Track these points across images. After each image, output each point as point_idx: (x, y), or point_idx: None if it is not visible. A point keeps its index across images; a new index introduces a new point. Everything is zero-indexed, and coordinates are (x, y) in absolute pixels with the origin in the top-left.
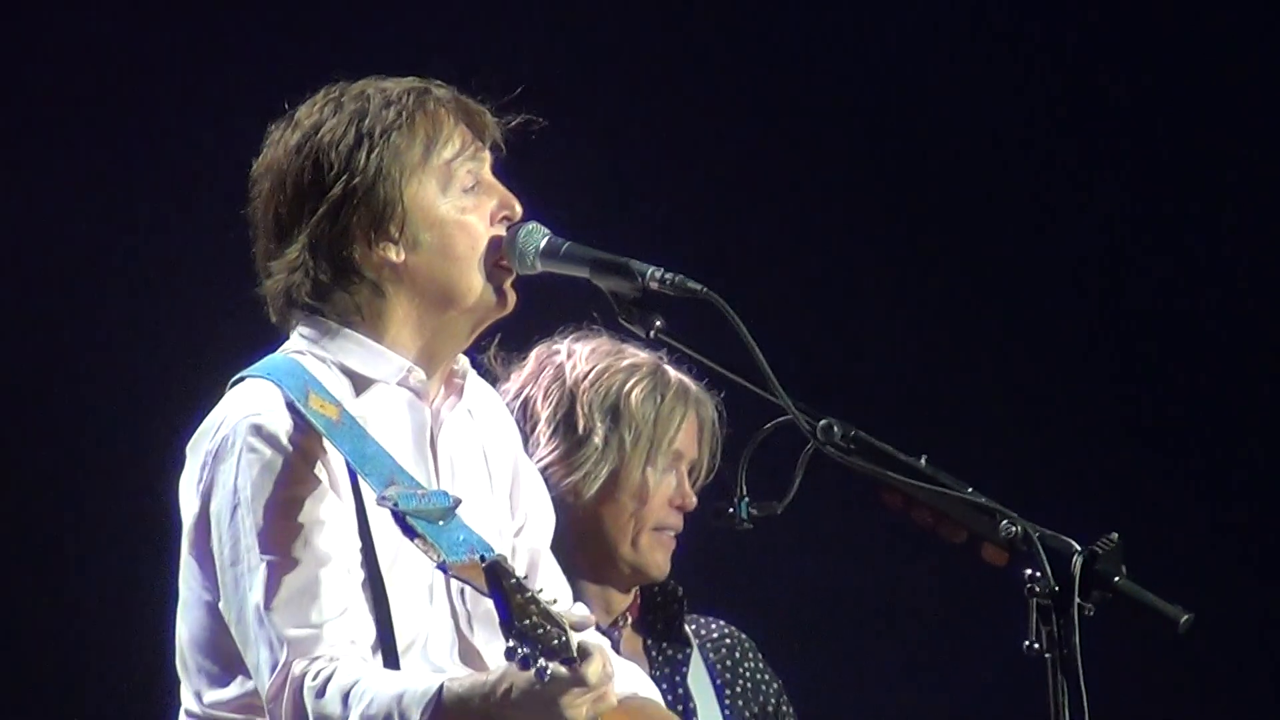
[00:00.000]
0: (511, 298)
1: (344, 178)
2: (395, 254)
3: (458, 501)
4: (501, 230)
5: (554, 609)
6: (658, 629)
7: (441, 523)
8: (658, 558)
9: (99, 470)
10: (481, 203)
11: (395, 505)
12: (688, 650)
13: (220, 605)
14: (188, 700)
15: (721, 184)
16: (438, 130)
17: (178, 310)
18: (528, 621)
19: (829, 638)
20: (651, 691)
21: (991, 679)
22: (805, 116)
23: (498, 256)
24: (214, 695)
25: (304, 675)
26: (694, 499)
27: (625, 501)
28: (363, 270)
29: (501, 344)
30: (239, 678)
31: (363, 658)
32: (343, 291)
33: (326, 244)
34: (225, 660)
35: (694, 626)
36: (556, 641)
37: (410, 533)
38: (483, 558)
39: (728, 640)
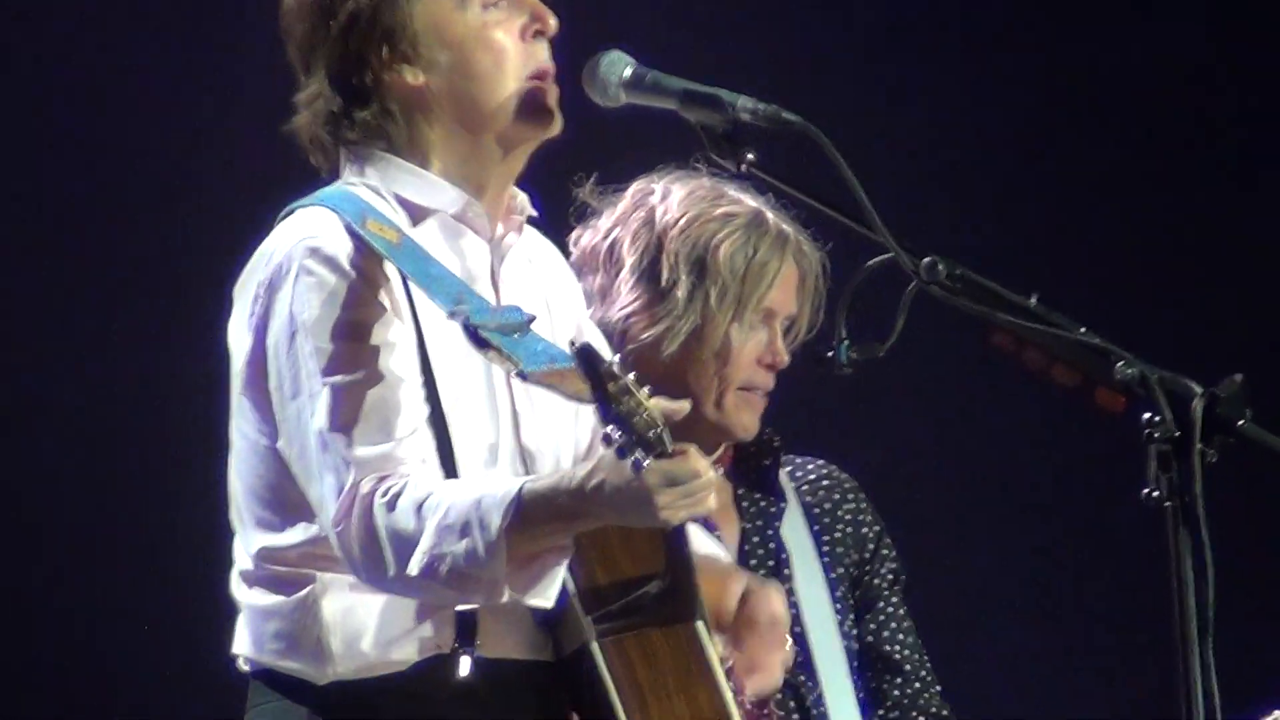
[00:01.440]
0: (555, 115)
1: (349, 2)
2: (413, 77)
3: (532, 317)
4: (538, 45)
5: (648, 400)
6: (751, 478)
7: (517, 335)
8: (744, 418)
9: (143, 332)
10: (509, 17)
11: (468, 319)
12: (782, 504)
13: (280, 445)
14: (242, 557)
15: (811, 11)
16: None
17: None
18: (623, 408)
19: (934, 485)
20: (716, 548)
21: (1109, 527)
22: None
23: (536, 73)
24: (272, 543)
25: (373, 493)
26: (786, 357)
27: (708, 360)
28: (384, 98)
29: (601, 180)
30: (301, 524)
31: (433, 474)
32: (370, 121)
33: (339, 73)
34: (285, 507)
35: (789, 469)
36: (652, 434)
37: (484, 345)
38: (572, 342)
39: (825, 482)
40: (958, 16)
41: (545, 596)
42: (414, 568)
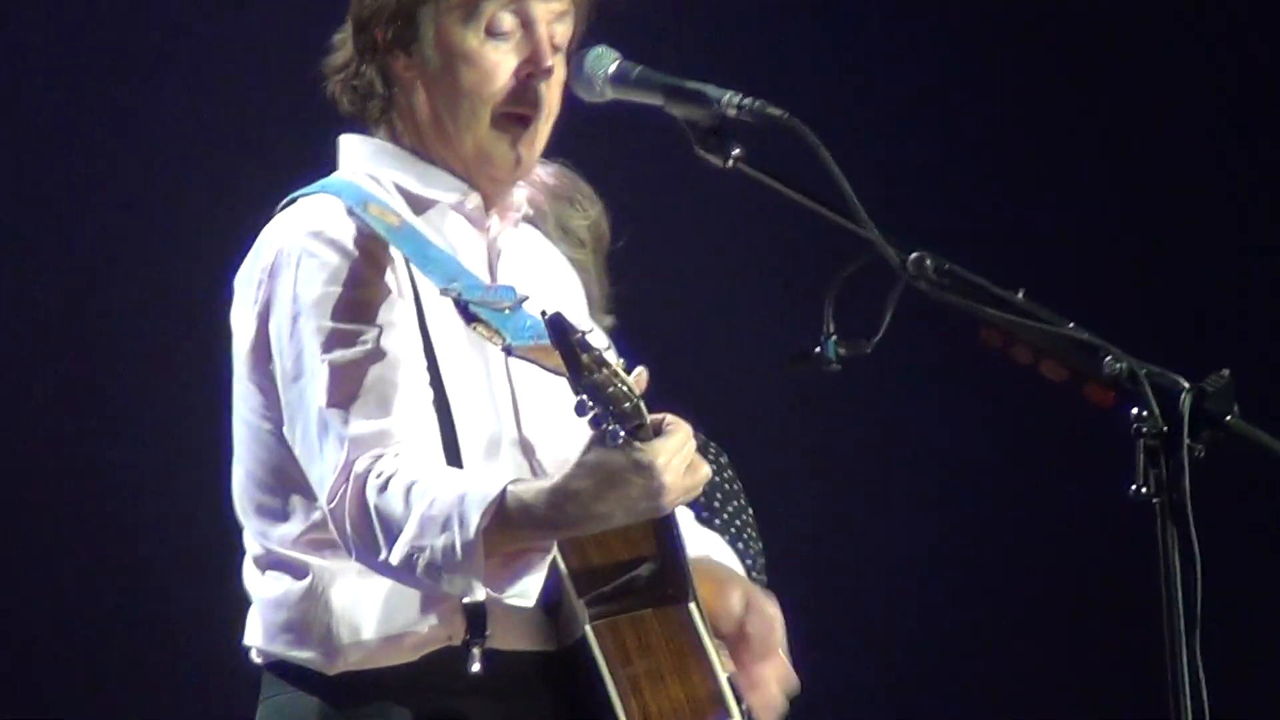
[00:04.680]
0: (523, 156)
1: None
2: (404, 66)
3: (525, 297)
4: (529, 87)
5: (623, 371)
6: None
7: (508, 311)
8: None
9: (141, 329)
10: (507, 50)
11: (460, 295)
12: None
13: (285, 429)
14: (251, 545)
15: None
16: None
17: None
18: (597, 378)
19: (925, 480)
20: (728, 557)
21: (1098, 523)
22: None
23: (516, 112)
24: (278, 530)
25: (368, 472)
26: None
27: None
28: (390, 81)
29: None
30: (305, 510)
31: (428, 456)
32: (378, 101)
33: (359, 49)
34: (290, 492)
35: None
36: (629, 405)
37: (472, 319)
38: (544, 312)
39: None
40: (937, 13)
41: (525, 596)
42: (395, 556)
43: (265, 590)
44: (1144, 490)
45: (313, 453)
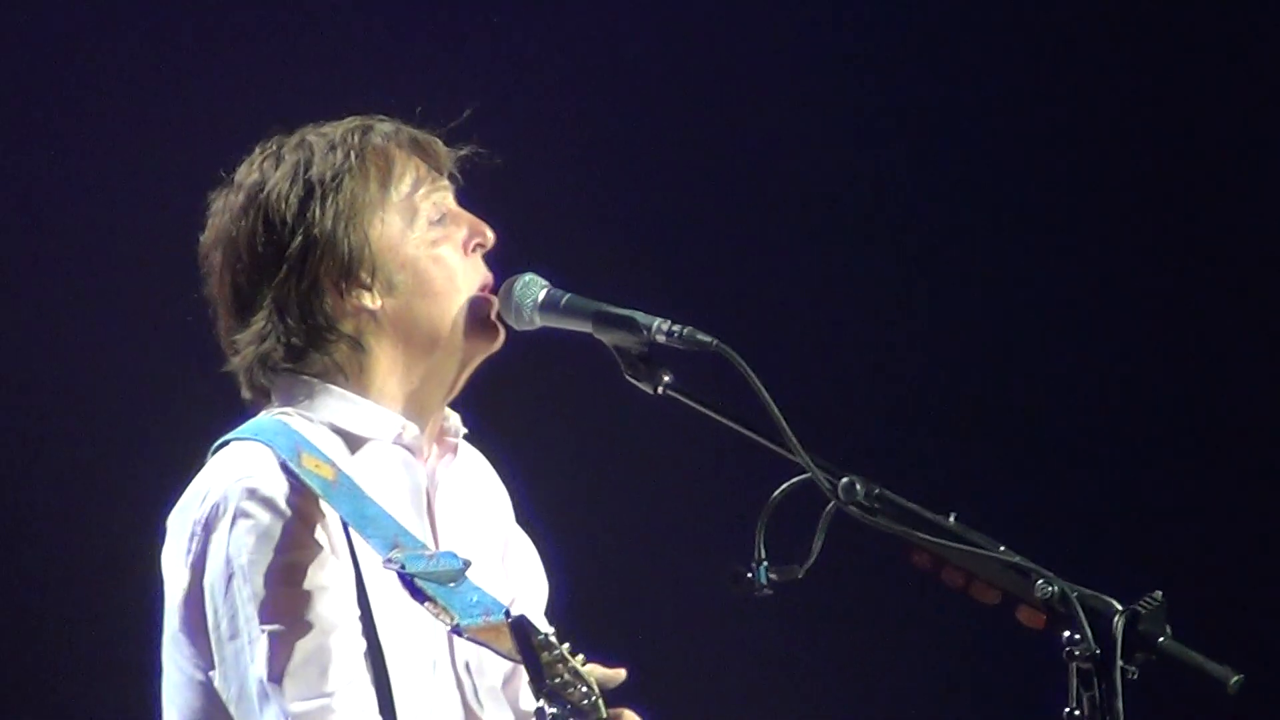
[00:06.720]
0: (500, 331)
1: (301, 232)
2: (371, 300)
3: (468, 563)
4: (477, 259)
5: (583, 668)
6: None
7: (453, 585)
8: None
9: (73, 549)
10: (451, 233)
11: (403, 568)
12: None
13: (217, 683)
14: None
15: (727, 226)
16: (390, 164)
17: (146, 375)
18: (558, 680)
19: (863, 707)
20: None
21: None
22: (814, 150)
23: (480, 287)
24: None
25: None
26: None
27: None
28: (338, 325)
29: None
30: None
31: None
32: (319, 352)
33: (295, 304)
34: None
35: None
36: (586, 702)
37: (420, 596)
38: (507, 614)
39: None
40: (874, 216)
41: None
42: None
43: None
44: (1077, 713)
45: (252, 716)
